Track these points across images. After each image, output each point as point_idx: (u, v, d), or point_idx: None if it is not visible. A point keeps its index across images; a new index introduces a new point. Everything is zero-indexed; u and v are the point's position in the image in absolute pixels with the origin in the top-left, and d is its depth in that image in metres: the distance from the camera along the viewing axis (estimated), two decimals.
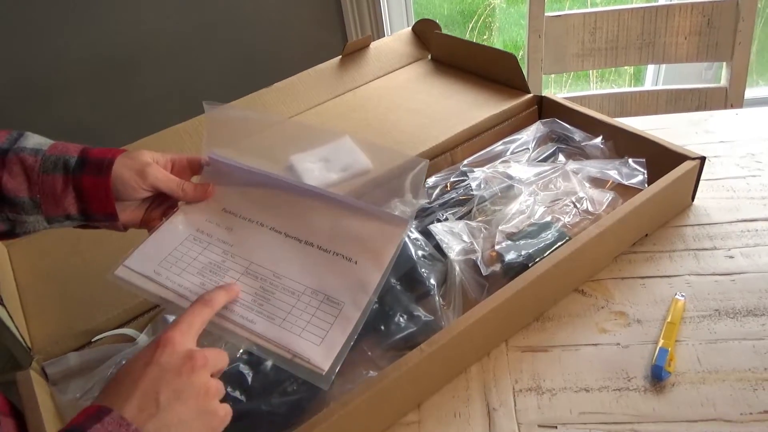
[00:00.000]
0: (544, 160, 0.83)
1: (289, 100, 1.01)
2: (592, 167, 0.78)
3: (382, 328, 0.61)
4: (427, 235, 0.69)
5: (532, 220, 0.71)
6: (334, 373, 0.45)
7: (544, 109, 0.94)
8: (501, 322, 0.62)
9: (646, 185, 0.73)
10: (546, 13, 1.24)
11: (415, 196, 0.60)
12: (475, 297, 0.64)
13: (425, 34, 1.14)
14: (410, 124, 0.91)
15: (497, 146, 0.86)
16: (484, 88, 0.98)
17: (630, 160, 0.77)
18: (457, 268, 0.65)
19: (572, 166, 0.78)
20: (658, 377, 0.58)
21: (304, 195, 0.57)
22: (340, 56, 1.10)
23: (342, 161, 0.78)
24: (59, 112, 1.63)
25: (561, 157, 0.84)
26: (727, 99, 1.26)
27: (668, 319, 0.63)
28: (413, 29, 1.17)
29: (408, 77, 1.07)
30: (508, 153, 0.85)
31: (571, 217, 0.72)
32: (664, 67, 1.62)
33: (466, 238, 0.68)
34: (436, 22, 1.11)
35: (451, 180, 0.79)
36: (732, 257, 0.70)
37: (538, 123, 0.88)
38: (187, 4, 1.52)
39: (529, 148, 0.85)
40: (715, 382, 0.57)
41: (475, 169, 0.80)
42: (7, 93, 1.57)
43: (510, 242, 0.68)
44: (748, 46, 1.22)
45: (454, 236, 0.68)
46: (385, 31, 1.60)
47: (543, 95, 0.93)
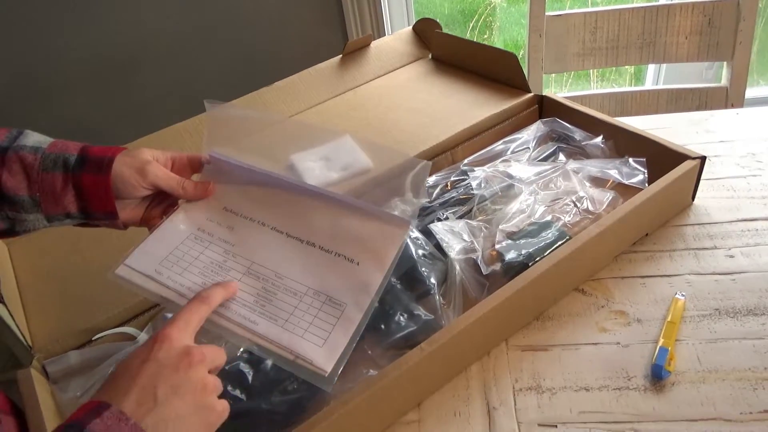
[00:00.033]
0: (545, 160, 0.83)
1: (290, 99, 1.01)
2: (593, 167, 0.78)
3: (383, 327, 0.61)
4: (428, 234, 0.69)
5: (533, 220, 0.71)
6: (337, 375, 0.45)
7: (545, 108, 0.94)
8: (501, 322, 0.62)
9: (647, 185, 0.73)
10: (547, 13, 1.24)
11: (416, 196, 0.60)
12: (476, 296, 0.64)
13: (426, 34, 1.14)
14: (411, 123, 0.91)
15: (498, 145, 0.86)
16: (485, 88, 0.98)
17: (630, 160, 0.77)
18: (458, 267, 0.65)
19: (573, 165, 0.78)
20: (658, 376, 0.58)
21: (304, 194, 0.57)
22: (341, 55, 1.10)
23: (342, 160, 0.78)
24: (60, 112, 1.63)
25: (561, 157, 0.84)
26: (728, 98, 1.26)
27: (668, 319, 0.63)
28: (414, 28, 1.17)
29: (408, 76, 1.07)
30: (509, 152, 0.85)
31: (572, 216, 0.72)
32: (664, 67, 1.62)
33: (467, 237, 0.68)
34: (437, 21, 1.11)
35: (452, 179, 0.79)
36: (732, 257, 0.70)
37: (539, 122, 0.88)
38: (188, 3, 1.52)
39: (529, 148, 0.85)
40: (715, 382, 0.57)
41: (476, 169, 0.80)
42: (8, 92, 1.57)
43: (510, 241, 0.68)
44: (749, 46, 1.22)
45: (454, 235, 0.68)
46: (385, 30, 1.60)
47: (543, 95, 0.93)
